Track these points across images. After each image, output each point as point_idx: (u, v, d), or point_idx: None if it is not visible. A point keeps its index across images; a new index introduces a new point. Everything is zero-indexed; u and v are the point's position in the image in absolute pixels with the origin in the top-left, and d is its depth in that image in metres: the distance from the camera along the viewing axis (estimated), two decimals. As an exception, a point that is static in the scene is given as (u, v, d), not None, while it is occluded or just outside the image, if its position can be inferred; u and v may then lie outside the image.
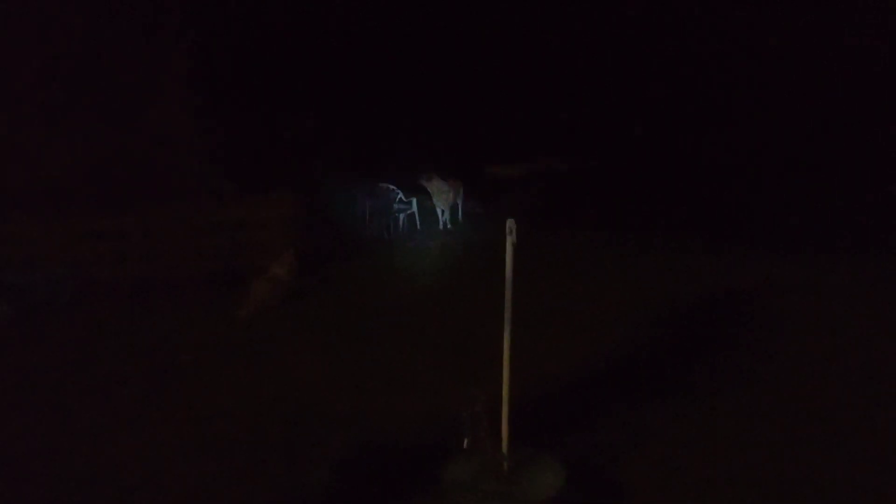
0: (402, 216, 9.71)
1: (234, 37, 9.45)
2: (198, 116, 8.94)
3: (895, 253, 7.69)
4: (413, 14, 11.07)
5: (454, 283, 7.25)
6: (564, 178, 11.52)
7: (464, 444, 3.62)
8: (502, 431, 3.40)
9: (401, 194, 9.67)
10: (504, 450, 3.41)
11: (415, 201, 9.76)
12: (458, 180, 9.94)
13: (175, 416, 4.38)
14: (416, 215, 9.86)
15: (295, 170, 9.40)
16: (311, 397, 4.58)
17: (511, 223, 3.19)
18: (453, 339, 5.51)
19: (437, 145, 10.66)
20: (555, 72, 12.24)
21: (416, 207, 9.81)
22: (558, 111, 12.14)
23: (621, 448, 3.85)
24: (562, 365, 4.97)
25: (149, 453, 3.94)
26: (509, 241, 3.22)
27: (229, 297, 6.54)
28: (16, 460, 3.93)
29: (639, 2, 12.25)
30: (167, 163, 8.71)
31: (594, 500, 3.40)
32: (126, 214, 7.64)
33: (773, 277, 7.10)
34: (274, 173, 9.00)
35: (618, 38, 12.26)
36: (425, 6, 11.06)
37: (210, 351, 5.50)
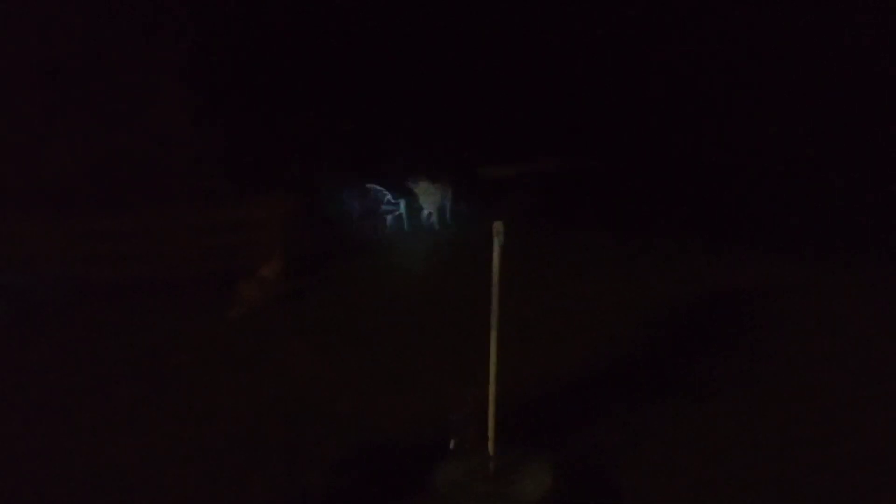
0: (390, 217, 9.68)
1: (227, 38, 9.41)
2: (193, 118, 8.93)
3: (895, 253, 7.65)
4: (406, 15, 11.04)
5: (445, 284, 7.21)
6: (558, 178, 11.46)
7: (451, 446, 3.57)
8: (489, 433, 3.34)
9: (389, 195, 9.63)
10: (491, 451, 3.35)
11: (403, 202, 9.73)
12: (448, 181, 9.88)
13: (173, 417, 4.39)
14: (405, 216, 9.82)
15: (284, 171, 9.37)
16: (307, 398, 4.59)
17: (498, 225, 3.16)
18: (445, 339, 5.48)
19: (427, 147, 10.63)
20: (549, 72, 12.20)
21: (404, 209, 9.78)
22: (552, 111, 12.08)
23: (615, 449, 3.84)
24: (556, 365, 4.99)
25: (147, 454, 3.95)
26: (496, 244, 3.17)
27: (226, 297, 6.48)
28: (15, 460, 3.91)
29: (636, 1, 12.22)
30: (163, 163, 8.70)
31: (585, 502, 3.33)
32: (123, 215, 7.62)
33: (772, 277, 7.09)
34: (264, 174, 8.98)
35: (613, 36, 12.23)
36: (418, 7, 11.03)
37: (207, 351, 5.48)
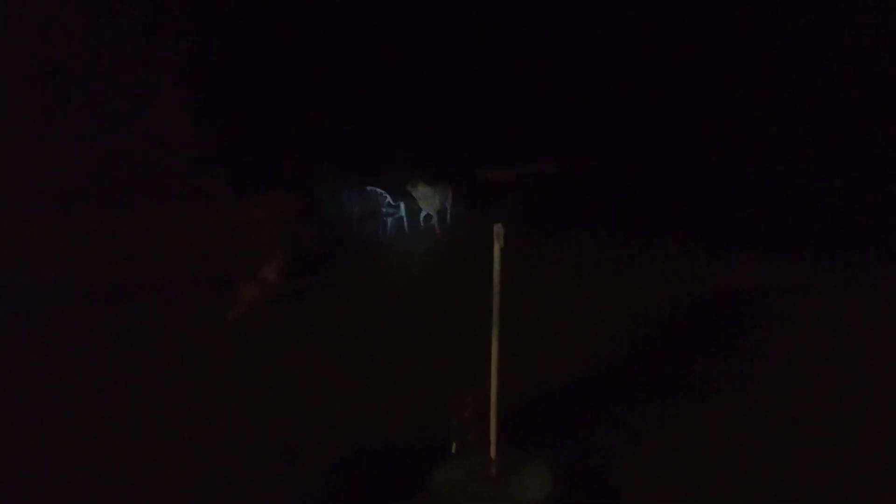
0: (390, 220, 9.69)
1: (227, 39, 9.42)
2: (193, 119, 8.93)
3: (895, 253, 7.66)
4: (405, 16, 11.04)
5: (445, 285, 7.19)
6: (557, 180, 11.46)
7: (452, 448, 3.57)
8: (490, 435, 3.34)
9: (389, 198, 9.65)
10: (492, 453, 3.34)
11: (403, 205, 9.74)
12: (447, 184, 9.91)
13: (173, 417, 4.35)
14: (405, 219, 9.83)
15: (284, 172, 9.36)
16: (307, 398, 4.55)
17: (498, 228, 3.13)
18: (446, 341, 5.45)
19: (427, 148, 10.63)
20: (547, 73, 12.20)
21: (404, 211, 9.79)
22: (550, 112, 12.08)
23: (615, 450, 3.80)
24: (557, 366, 4.94)
25: (147, 454, 3.91)
26: (497, 246, 3.16)
27: (226, 297, 6.48)
28: (15, 461, 3.89)
29: (633, 1, 12.21)
30: (163, 164, 8.69)
31: (585, 502, 3.33)
32: (123, 215, 7.61)
33: (772, 277, 7.08)
34: (265, 175, 8.97)
35: (611, 37, 12.22)
36: (416, 8, 11.03)
37: (206, 352, 5.45)
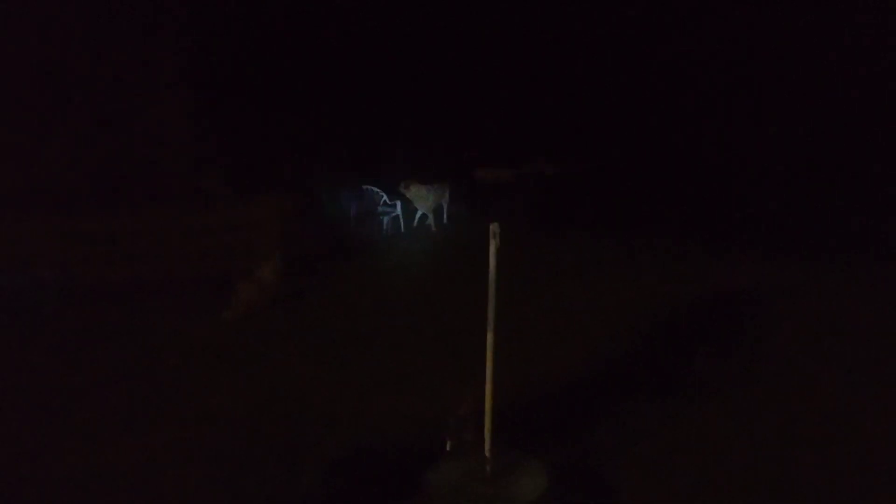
0: (386, 219, 9.66)
1: (226, 39, 9.40)
2: (192, 119, 8.90)
3: (895, 253, 7.64)
4: (402, 17, 11.03)
5: (442, 285, 7.17)
6: (555, 181, 11.45)
7: (447, 448, 3.54)
8: (486, 434, 3.31)
9: (385, 197, 9.62)
10: (488, 452, 3.32)
11: (399, 204, 9.71)
12: (444, 184, 9.88)
13: (172, 417, 4.34)
14: (401, 218, 9.80)
15: (282, 172, 9.33)
16: (305, 398, 4.54)
17: (495, 227, 3.12)
18: (442, 341, 5.44)
19: (424, 148, 10.62)
20: (545, 74, 12.18)
21: (400, 210, 9.77)
22: (548, 113, 12.06)
23: (613, 450, 3.78)
24: (553, 366, 4.93)
25: (147, 454, 3.90)
26: (493, 245, 3.14)
27: (224, 298, 6.45)
28: (15, 461, 3.88)
29: (632, 1, 12.19)
30: (162, 164, 8.67)
31: (582, 503, 3.31)
32: (122, 215, 7.58)
33: (772, 278, 7.06)
34: (262, 175, 8.94)
35: (610, 38, 12.20)
36: (413, 9, 11.02)
37: (206, 352, 5.43)
